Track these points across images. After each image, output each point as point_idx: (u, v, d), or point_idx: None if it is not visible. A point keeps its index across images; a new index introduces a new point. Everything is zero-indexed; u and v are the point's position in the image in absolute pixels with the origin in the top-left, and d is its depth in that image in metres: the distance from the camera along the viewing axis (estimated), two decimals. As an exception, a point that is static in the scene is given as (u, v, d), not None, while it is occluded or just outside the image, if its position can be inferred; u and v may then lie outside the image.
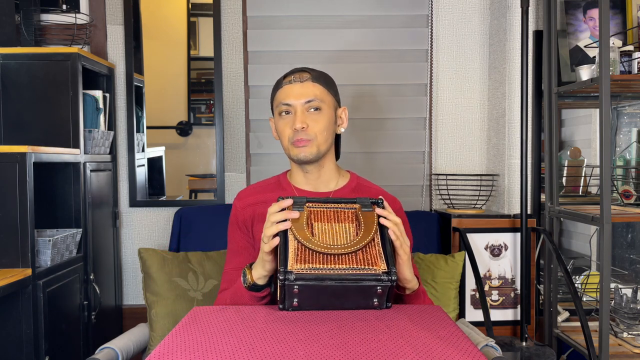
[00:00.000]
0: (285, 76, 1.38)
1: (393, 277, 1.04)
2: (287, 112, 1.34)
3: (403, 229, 1.17)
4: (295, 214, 1.12)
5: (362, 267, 1.05)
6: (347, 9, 2.34)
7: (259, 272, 1.19)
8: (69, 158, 1.90)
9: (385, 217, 1.15)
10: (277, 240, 1.11)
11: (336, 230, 1.12)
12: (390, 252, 1.09)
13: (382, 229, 1.13)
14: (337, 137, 1.45)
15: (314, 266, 1.04)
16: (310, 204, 1.16)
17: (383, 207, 1.18)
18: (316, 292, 1.05)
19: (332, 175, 1.41)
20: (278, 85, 1.38)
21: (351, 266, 1.05)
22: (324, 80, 1.38)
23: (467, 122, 2.40)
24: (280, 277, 1.02)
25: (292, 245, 1.08)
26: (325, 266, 1.04)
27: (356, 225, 1.14)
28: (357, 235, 1.11)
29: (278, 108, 1.36)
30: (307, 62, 2.25)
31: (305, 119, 1.32)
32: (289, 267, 1.04)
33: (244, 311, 1.10)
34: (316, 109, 1.33)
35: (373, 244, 1.10)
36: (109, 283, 2.23)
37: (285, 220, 1.12)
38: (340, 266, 1.04)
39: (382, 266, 1.05)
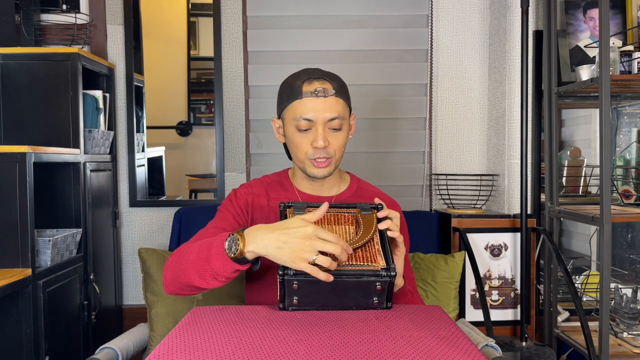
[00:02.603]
0: (304, 81, 1.28)
1: (392, 273, 1.04)
2: (307, 128, 1.28)
3: (399, 222, 1.17)
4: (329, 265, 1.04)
5: (362, 263, 1.05)
6: (347, 9, 2.34)
7: (257, 247, 1.05)
8: (69, 158, 1.90)
9: (385, 218, 1.16)
10: (323, 275, 1.02)
11: (336, 231, 1.14)
12: (389, 251, 1.10)
13: (382, 231, 1.14)
14: None
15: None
16: (311, 209, 1.17)
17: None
18: (315, 288, 1.05)
19: (335, 180, 1.41)
20: (297, 93, 1.28)
21: (350, 263, 1.05)
22: (344, 91, 1.33)
23: (467, 122, 2.40)
24: (280, 273, 1.03)
25: None
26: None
27: (356, 227, 1.15)
28: (356, 235, 1.12)
29: (296, 121, 1.28)
30: (307, 62, 2.25)
31: (327, 137, 1.27)
32: None
33: (243, 311, 1.10)
34: (337, 129, 1.29)
35: (372, 243, 1.11)
36: (109, 283, 2.23)
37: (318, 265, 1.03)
38: (340, 263, 1.05)
39: (382, 263, 1.06)
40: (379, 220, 1.15)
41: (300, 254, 1.01)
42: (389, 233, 1.14)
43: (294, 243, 1.02)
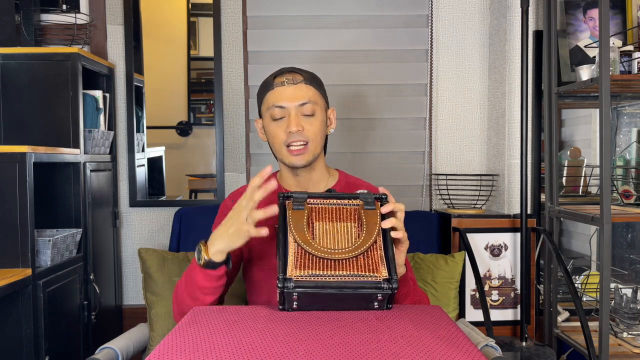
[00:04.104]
0: (275, 76, 1.33)
1: (394, 285, 1.02)
2: (280, 117, 1.30)
3: (403, 217, 1.15)
4: (274, 209, 1.10)
5: (363, 273, 1.03)
6: (347, 9, 2.34)
7: (217, 247, 1.13)
8: (69, 158, 1.90)
9: (390, 214, 1.13)
10: (265, 231, 1.09)
11: (338, 231, 1.10)
12: (392, 255, 1.07)
13: (385, 230, 1.10)
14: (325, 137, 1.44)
15: (314, 272, 1.02)
16: (311, 200, 1.14)
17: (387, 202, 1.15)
18: (315, 298, 1.04)
19: (322, 176, 1.40)
20: (268, 87, 1.33)
21: (351, 272, 1.03)
22: (316, 82, 1.35)
23: (467, 122, 2.40)
24: (279, 285, 1.01)
25: (291, 248, 1.06)
26: (325, 272, 1.02)
27: (358, 225, 1.11)
28: (359, 237, 1.08)
29: (270, 111, 1.31)
30: (307, 61, 2.25)
31: (300, 122, 1.29)
32: (288, 274, 1.02)
33: (243, 311, 1.10)
34: (310, 114, 1.31)
35: (375, 247, 1.08)
36: (109, 283, 2.23)
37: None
38: (341, 272, 1.02)
39: (384, 272, 1.03)
40: (383, 216, 1.12)
41: (241, 226, 1.10)
42: (392, 234, 1.11)
43: (233, 220, 1.11)
